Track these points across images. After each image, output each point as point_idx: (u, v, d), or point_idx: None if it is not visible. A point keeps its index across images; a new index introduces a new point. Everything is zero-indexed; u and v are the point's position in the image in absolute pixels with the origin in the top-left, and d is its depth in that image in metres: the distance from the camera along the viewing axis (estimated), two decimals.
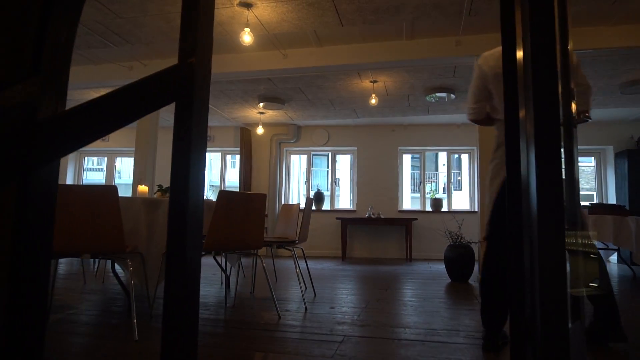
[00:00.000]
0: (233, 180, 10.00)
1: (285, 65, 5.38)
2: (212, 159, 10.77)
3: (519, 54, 0.78)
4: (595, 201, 8.68)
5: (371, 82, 6.22)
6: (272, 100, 7.09)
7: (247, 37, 4.19)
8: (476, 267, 4.86)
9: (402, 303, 3.58)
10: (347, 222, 8.09)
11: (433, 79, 6.08)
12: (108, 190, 2.43)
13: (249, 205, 2.86)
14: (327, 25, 4.56)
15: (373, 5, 4.14)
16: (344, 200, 16.51)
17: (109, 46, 5.17)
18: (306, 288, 4.23)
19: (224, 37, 4.91)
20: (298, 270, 3.91)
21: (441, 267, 6.63)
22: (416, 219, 7.87)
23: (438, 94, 6.56)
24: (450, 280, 4.89)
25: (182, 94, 0.89)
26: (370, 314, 3.13)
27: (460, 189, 23.48)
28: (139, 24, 4.63)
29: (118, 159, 10.21)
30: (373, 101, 6.30)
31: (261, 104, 7.23)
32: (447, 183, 9.04)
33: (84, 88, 6.61)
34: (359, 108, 7.59)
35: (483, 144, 4.87)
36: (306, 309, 3.27)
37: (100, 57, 5.69)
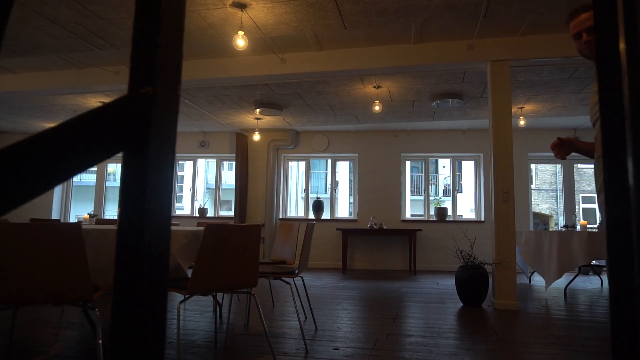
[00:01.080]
0: (230, 182, 9.57)
1: (284, 71, 5.00)
2: (208, 163, 10.40)
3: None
4: None
5: (375, 87, 5.84)
6: (269, 106, 6.71)
7: (240, 41, 3.81)
8: (490, 289, 4.49)
9: (414, 342, 3.20)
10: (348, 233, 7.71)
11: (441, 84, 5.71)
12: (71, 229, 2.04)
13: (242, 240, 2.48)
14: (329, 27, 4.18)
15: (379, 7, 3.76)
16: (343, 207, 16.11)
17: (92, 49, 4.78)
18: (306, 318, 3.85)
19: (216, 41, 4.52)
20: (297, 302, 3.52)
21: (448, 282, 6.25)
22: (420, 229, 7.50)
23: (442, 104, 6.19)
24: (461, 304, 4.51)
25: (130, 139, 0.54)
26: (380, 358, 2.75)
27: (461, 192, 23.13)
28: (123, 26, 4.23)
29: (110, 166, 9.79)
30: (377, 108, 5.92)
31: (257, 110, 6.85)
32: (452, 191, 8.67)
33: (69, 93, 6.21)
34: (361, 114, 7.21)
35: (495, 148, 4.50)
36: (306, 350, 2.89)
37: (84, 61, 5.29)
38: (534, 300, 4.90)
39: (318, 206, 8.70)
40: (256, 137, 7.89)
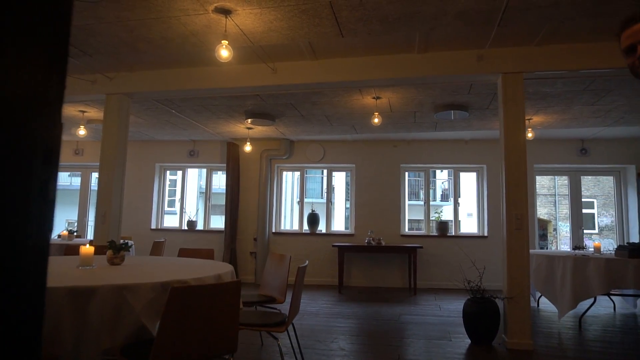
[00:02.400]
0: (223, 186, 9.06)
1: (275, 81, 4.57)
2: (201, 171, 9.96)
3: None
4: (611, 220, 7.91)
5: (374, 98, 5.42)
6: (260, 116, 6.27)
7: (224, 52, 3.37)
8: (501, 325, 4.08)
9: None
10: (345, 250, 7.28)
11: (445, 95, 5.29)
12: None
13: (218, 301, 2.04)
14: (325, 36, 3.75)
15: (381, 13, 3.34)
16: (339, 219, 15.65)
17: None
18: None
19: (199, 49, 4.08)
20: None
21: (451, 306, 5.82)
22: (421, 247, 7.09)
23: (446, 115, 5.78)
24: (469, 341, 4.09)
25: None
26: None
27: (459, 196, 22.73)
28: (94, 33, 3.79)
29: (94, 174, 9.33)
30: (376, 120, 5.50)
31: (249, 120, 6.40)
32: (454, 204, 8.26)
33: None
34: (359, 124, 6.79)
35: (508, 172, 4.07)
36: None
37: None
38: (547, 334, 4.48)
39: (313, 219, 8.27)
40: (247, 148, 7.45)
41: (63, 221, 18.37)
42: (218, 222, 8.51)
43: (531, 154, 7.82)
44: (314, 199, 19.80)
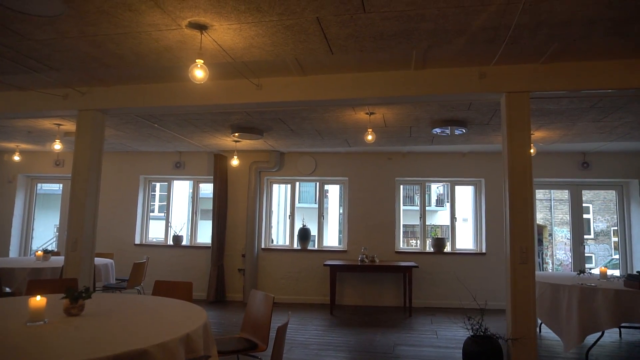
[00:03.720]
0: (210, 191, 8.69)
1: (260, 98, 4.22)
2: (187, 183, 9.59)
3: None
4: (615, 238, 7.62)
5: (367, 114, 5.09)
6: (247, 130, 5.92)
7: (198, 72, 3.02)
8: None
9: None
10: (337, 269, 6.93)
11: (443, 111, 4.97)
12: None
13: None
14: (312, 52, 3.41)
15: (374, 30, 3.00)
16: (332, 234, 15.23)
17: (29, 72, 3.95)
18: None
19: (176, 64, 3.73)
20: None
21: (448, 332, 5.45)
22: (417, 266, 6.75)
23: (444, 131, 5.46)
24: None
25: None
26: None
27: (455, 211, 22.46)
28: (59, 48, 3.43)
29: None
30: (369, 137, 5.16)
31: (236, 134, 6.04)
32: (451, 218, 7.94)
33: (13, 118, 5.38)
34: (352, 139, 6.45)
35: (512, 198, 3.75)
36: None
37: (25, 85, 4.46)
38: None
39: (304, 235, 7.92)
40: (235, 162, 7.08)
41: (52, 227, 17.91)
42: (206, 236, 8.13)
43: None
44: (306, 204, 19.45)
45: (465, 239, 8.23)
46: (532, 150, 5.93)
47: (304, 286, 7.70)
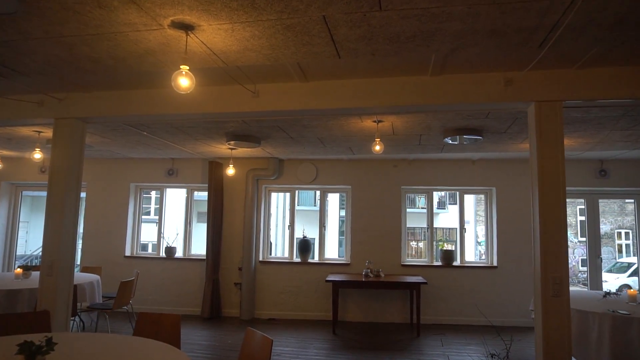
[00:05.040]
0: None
1: (256, 107, 3.77)
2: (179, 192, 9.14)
3: None
4: (620, 240, 7.17)
5: (375, 122, 4.64)
6: (243, 139, 5.47)
7: (183, 81, 2.56)
8: None
9: None
10: (339, 285, 6.48)
11: (458, 119, 4.53)
12: None
13: None
14: (317, 56, 2.96)
15: (390, 31, 2.56)
16: (332, 240, 14.71)
17: None
18: None
19: (160, 69, 3.27)
20: None
21: (463, 355, 5.03)
22: (426, 282, 6.31)
23: (457, 140, 5.01)
24: None
25: None
26: None
27: (456, 204, 22.02)
28: (26, 51, 2.97)
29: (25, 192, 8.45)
30: (377, 148, 4.71)
31: (232, 142, 5.59)
32: (460, 229, 7.50)
33: None
34: (356, 147, 6.01)
35: (543, 222, 3.32)
36: None
37: None
38: None
39: (305, 247, 7.48)
40: (230, 171, 6.62)
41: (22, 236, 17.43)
42: (202, 246, 7.69)
43: None
44: (305, 207, 18.96)
45: (468, 243, 7.80)
46: None
47: (304, 301, 7.26)
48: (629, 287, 13.44)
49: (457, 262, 7.28)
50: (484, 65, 3.27)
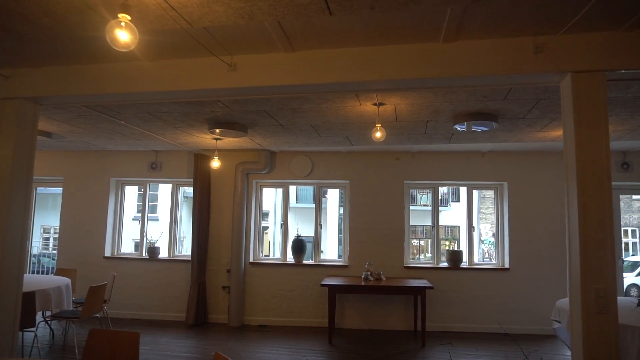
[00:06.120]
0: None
1: (234, 83, 3.15)
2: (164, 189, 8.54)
3: None
4: (626, 239, 6.59)
5: (375, 105, 4.03)
6: (227, 126, 4.86)
7: (122, 34, 1.94)
8: None
9: None
10: (336, 289, 5.88)
11: (471, 101, 3.91)
12: None
13: None
14: (301, 14, 2.35)
15: None
16: (331, 240, 14.07)
17: None
18: None
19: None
20: None
21: None
22: (432, 287, 5.69)
23: (468, 127, 4.40)
24: None
25: None
26: None
27: (458, 201, 21.25)
28: None
29: (39, 190, 7.87)
30: (378, 135, 4.10)
31: (217, 130, 4.98)
32: (468, 229, 6.89)
33: None
34: (355, 136, 5.39)
35: (583, 221, 2.71)
36: None
37: None
38: None
39: (299, 247, 6.88)
40: (215, 164, 6.00)
41: (39, 227, 16.86)
42: (189, 248, 7.10)
43: (563, 170, 6.47)
44: (305, 204, 18.34)
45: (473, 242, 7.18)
46: None
47: (298, 306, 6.66)
48: (638, 287, 12.86)
49: (464, 264, 6.67)
50: (509, 28, 2.65)
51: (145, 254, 7.16)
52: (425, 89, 3.51)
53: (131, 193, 9.77)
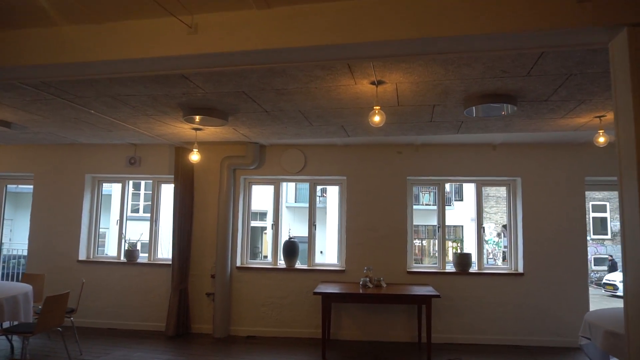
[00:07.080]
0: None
1: (195, 49, 2.52)
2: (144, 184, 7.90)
3: None
4: None
5: (373, 83, 3.39)
6: (203, 112, 4.23)
7: None
8: None
9: None
10: (332, 298, 5.23)
11: (488, 78, 3.27)
12: None
13: None
14: None
15: None
16: (331, 242, 13.32)
17: None
18: None
19: None
20: None
21: None
22: (439, 295, 5.05)
23: (484, 112, 3.76)
24: None
25: None
26: None
27: (462, 200, 20.58)
28: None
29: (9, 187, 7.26)
30: (377, 119, 3.46)
31: (195, 118, 4.34)
32: (477, 230, 6.25)
33: None
34: (350, 124, 4.76)
35: None
36: None
37: None
38: None
39: (291, 249, 6.25)
40: (194, 157, 5.36)
41: (21, 228, 16.25)
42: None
43: (581, 165, 5.84)
44: (304, 204, 17.70)
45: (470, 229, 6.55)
46: (602, 139, 4.26)
47: (289, 315, 6.02)
48: None
49: (474, 268, 6.03)
50: None
51: (123, 257, 6.53)
52: (434, 60, 2.87)
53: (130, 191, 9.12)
